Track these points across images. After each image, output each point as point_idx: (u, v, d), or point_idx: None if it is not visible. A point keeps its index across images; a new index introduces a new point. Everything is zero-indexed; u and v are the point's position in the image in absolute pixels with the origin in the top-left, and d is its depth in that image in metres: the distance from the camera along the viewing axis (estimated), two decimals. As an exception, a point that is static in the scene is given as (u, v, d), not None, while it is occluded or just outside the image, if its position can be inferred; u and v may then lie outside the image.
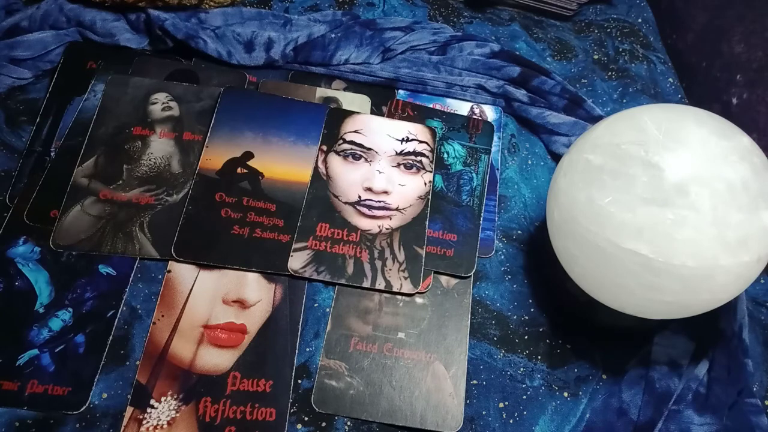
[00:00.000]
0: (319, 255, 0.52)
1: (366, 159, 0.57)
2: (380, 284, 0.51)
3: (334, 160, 0.57)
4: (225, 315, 0.49)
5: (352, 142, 0.57)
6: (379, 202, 0.55)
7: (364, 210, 0.55)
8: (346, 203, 0.55)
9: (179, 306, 0.49)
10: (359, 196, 0.55)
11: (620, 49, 0.73)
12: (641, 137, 0.42)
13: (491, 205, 0.58)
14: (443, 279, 0.53)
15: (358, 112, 0.60)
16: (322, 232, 0.53)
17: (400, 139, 0.58)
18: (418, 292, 0.52)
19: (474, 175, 0.59)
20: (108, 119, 0.55)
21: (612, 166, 0.42)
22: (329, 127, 0.58)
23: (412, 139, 0.59)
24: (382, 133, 0.59)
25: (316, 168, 0.56)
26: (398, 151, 0.58)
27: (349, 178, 0.56)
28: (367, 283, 0.51)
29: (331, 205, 0.54)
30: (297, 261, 0.51)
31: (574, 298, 0.50)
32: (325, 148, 0.57)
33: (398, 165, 0.57)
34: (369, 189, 0.55)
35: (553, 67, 0.70)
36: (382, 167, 0.57)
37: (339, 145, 0.57)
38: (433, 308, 0.52)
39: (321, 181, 0.56)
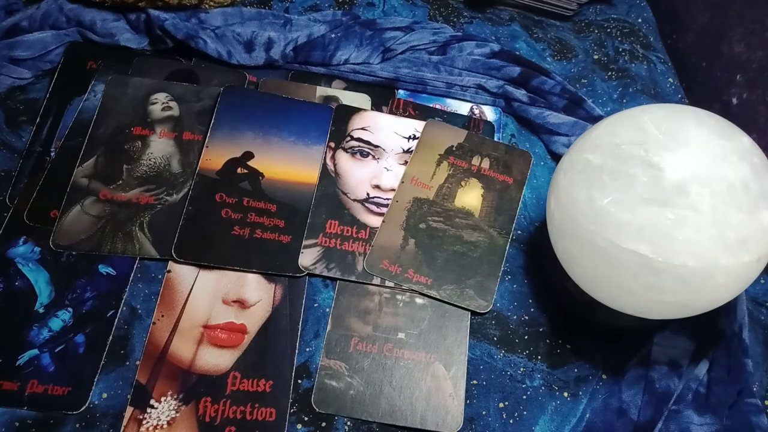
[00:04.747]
0: (329, 252, 0.52)
1: (374, 156, 0.57)
2: (389, 281, 0.51)
3: (342, 157, 0.57)
4: (225, 315, 0.49)
5: (359, 140, 0.58)
6: (388, 199, 0.55)
7: (373, 207, 0.55)
8: (354, 200, 0.55)
9: (179, 306, 0.49)
10: (368, 194, 0.55)
11: (620, 49, 0.73)
12: (641, 137, 0.42)
13: (491, 205, 0.58)
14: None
15: (365, 109, 0.60)
16: (331, 229, 0.53)
17: (407, 136, 0.59)
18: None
19: (474, 175, 0.59)
20: (108, 119, 0.55)
21: (612, 166, 0.42)
22: (337, 123, 0.58)
23: (418, 137, 0.59)
24: (389, 131, 0.59)
25: (324, 165, 0.56)
26: (405, 149, 0.58)
27: (358, 176, 0.56)
28: (377, 281, 0.51)
29: (340, 202, 0.55)
30: (307, 258, 0.51)
31: (574, 298, 0.50)
32: (333, 144, 0.57)
33: (405, 162, 0.57)
34: (377, 186, 0.56)
35: (553, 67, 0.70)
36: (390, 165, 0.57)
37: (347, 142, 0.58)
38: (433, 308, 0.51)
39: (329, 177, 0.56)
